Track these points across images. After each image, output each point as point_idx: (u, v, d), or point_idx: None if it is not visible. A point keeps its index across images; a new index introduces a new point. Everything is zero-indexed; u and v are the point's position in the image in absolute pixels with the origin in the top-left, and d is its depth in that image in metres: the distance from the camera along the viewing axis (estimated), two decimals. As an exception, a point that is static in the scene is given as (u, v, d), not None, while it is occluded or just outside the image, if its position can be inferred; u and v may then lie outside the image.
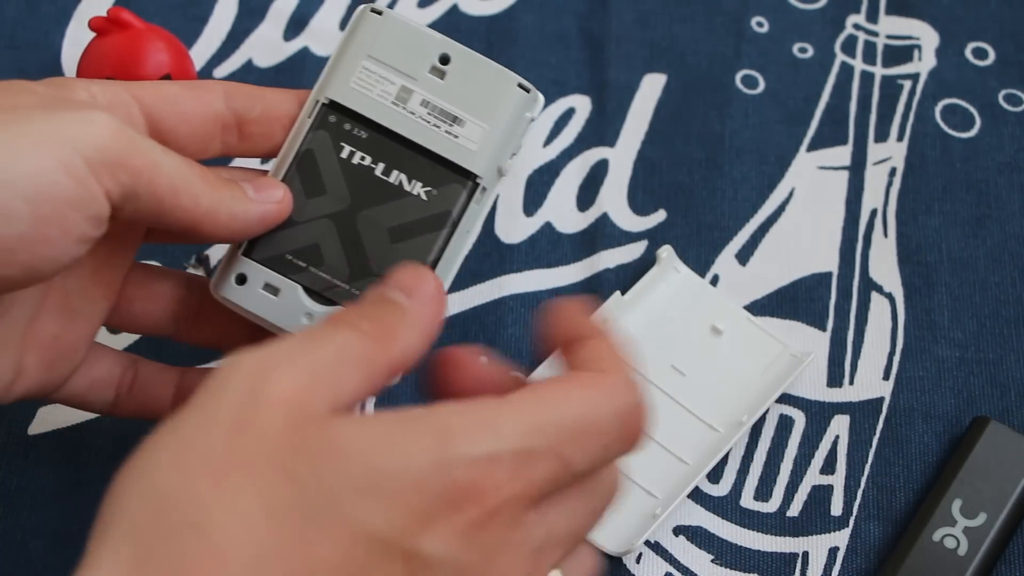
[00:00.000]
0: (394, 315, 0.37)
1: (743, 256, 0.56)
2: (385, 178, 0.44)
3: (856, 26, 0.60)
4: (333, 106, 0.45)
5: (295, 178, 0.45)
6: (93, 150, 0.38)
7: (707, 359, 0.53)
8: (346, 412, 0.34)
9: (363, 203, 0.44)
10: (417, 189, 0.44)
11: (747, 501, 0.51)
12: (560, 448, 0.34)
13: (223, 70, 0.59)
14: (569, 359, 0.38)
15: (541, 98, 0.45)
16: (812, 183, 0.57)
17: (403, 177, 0.44)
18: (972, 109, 0.58)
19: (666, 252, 0.54)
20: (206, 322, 0.47)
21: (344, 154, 0.45)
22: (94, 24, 0.55)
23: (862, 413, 0.52)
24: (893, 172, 0.57)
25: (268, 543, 0.31)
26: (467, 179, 0.44)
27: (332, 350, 0.34)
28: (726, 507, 0.51)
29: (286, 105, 0.45)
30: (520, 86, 0.45)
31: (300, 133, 0.45)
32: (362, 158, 0.44)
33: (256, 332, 0.45)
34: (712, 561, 0.50)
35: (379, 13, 0.45)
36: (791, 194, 0.57)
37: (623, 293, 0.53)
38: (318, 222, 0.44)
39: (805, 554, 0.50)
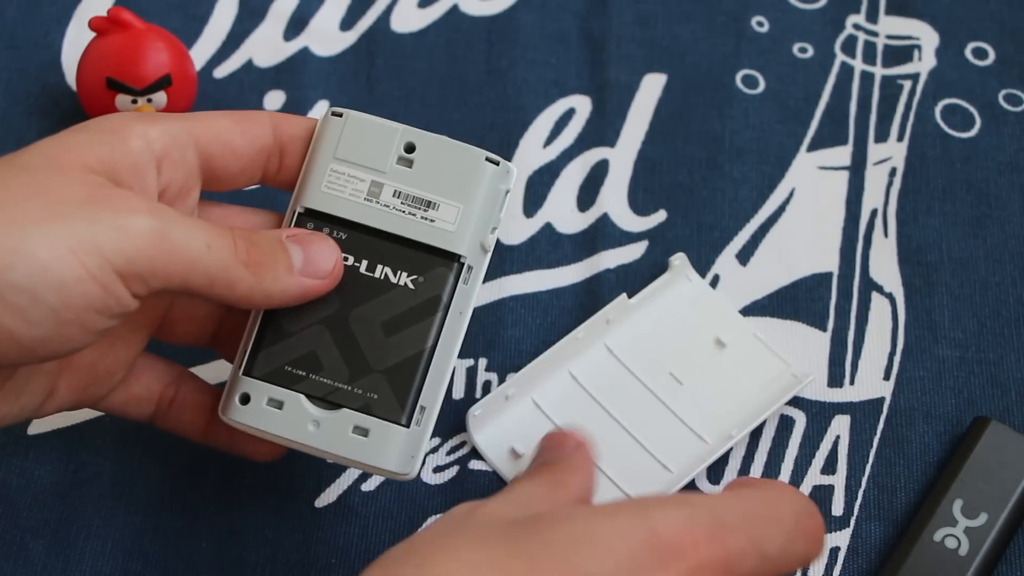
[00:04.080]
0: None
1: (743, 256, 0.55)
2: (370, 274, 0.44)
3: (856, 26, 0.60)
4: (309, 213, 0.45)
5: None
6: (125, 261, 0.38)
7: (706, 370, 0.52)
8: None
9: (353, 302, 0.44)
10: (403, 280, 0.44)
11: (747, 501, 0.51)
12: (747, 528, 0.36)
13: (223, 70, 0.59)
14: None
15: (513, 169, 0.45)
16: (812, 183, 0.57)
17: (387, 270, 0.44)
18: (972, 109, 0.58)
19: (679, 260, 0.54)
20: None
21: None
22: (94, 24, 0.55)
23: (863, 413, 0.52)
24: (893, 172, 0.57)
25: None
26: (452, 261, 0.44)
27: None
28: (726, 507, 0.51)
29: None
30: (489, 160, 0.45)
31: None
32: (344, 258, 0.44)
33: None
34: (713, 561, 0.50)
35: (340, 115, 0.45)
36: (791, 194, 0.57)
37: (630, 296, 0.53)
38: (311, 329, 0.44)
39: (806, 554, 0.50)
